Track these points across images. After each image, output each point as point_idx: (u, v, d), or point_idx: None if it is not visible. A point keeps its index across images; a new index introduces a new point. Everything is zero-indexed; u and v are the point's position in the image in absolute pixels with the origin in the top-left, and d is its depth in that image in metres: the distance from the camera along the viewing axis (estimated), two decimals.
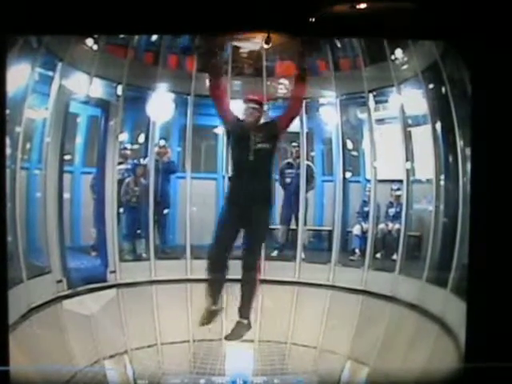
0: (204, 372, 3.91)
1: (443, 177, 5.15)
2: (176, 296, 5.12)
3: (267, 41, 4.34)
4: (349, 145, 6.09)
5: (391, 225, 5.77)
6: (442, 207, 5.13)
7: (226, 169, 4.14)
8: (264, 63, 5.80)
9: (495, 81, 3.29)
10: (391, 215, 5.85)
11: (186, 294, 5.15)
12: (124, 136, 5.85)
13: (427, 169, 5.33)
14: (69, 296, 4.78)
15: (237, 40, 5.43)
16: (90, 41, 5.06)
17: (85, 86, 5.25)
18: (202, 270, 5.42)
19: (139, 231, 5.78)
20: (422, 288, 4.90)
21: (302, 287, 5.36)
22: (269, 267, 5.49)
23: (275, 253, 5.89)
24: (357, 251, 5.83)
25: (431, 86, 5.18)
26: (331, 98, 5.84)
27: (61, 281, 4.87)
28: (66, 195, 5.26)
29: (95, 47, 5.13)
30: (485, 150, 3.35)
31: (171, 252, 5.86)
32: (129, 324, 4.49)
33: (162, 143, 5.90)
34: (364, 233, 5.82)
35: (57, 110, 4.98)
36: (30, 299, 4.32)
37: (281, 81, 5.88)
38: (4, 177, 3.40)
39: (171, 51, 5.88)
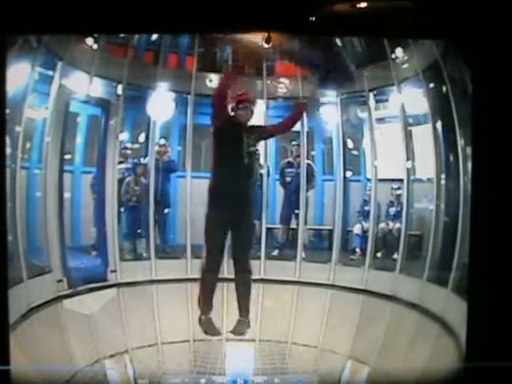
0: (204, 371, 3.90)
1: (444, 176, 5.15)
2: (176, 295, 5.12)
3: (267, 40, 4.34)
4: (349, 144, 6.08)
5: (392, 224, 5.77)
6: (443, 206, 5.12)
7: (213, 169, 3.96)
8: (264, 62, 5.80)
9: (496, 80, 3.28)
10: (392, 214, 5.84)
11: (187, 294, 5.13)
12: (124, 135, 5.85)
13: (428, 168, 5.32)
14: (69, 295, 4.78)
15: (237, 39, 5.44)
16: (90, 40, 5.06)
17: (85, 86, 5.25)
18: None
19: (139, 230, 5.78)
20: (423, 287, 4.90)
21: (303, 286, 5.35)
22: (269, 267, 5.51)
23: (275, 252, 5.89)
24: (357, 250, 5.83)
25: (432, 85, 5.17)
26: (332, 97, 5.83)
27: (61, 280, 4.87)
28: (67, 195, 5.26)
29: (95, 46, 5.13)
30: (485, 149, 3.35)
31: (172, 251, 5.85)
32: (129, 323, 4.49)
33: (163, 142, 5.90)
34: (364, 232, 5.81)
35: (57, 110, 4.98)
36: (31, 299, 4.32)
37: (281, 80, 5.88)
38: (4, 176, 3.40)
39: (171, 50, 5.88)
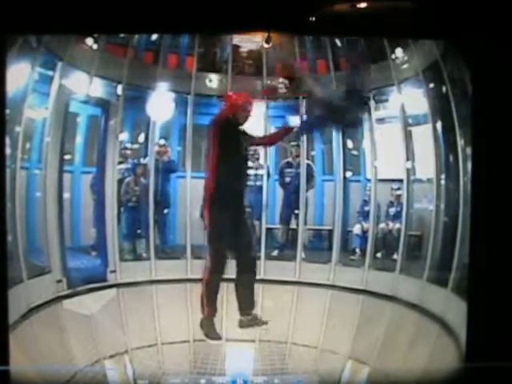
0: (204, 372, 3.90)
1: (444, 176, 5.15)
2: (176, 296, 5.11)
3: (267, 40, 4.35)
4: (349, 144, 6.07)
5: (392, 224, 5.76)
6: (443, 207, 5.12)
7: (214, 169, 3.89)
8: (264, 62, 5.80)
9: (495, 80, 3.29)
10: (392, 215, 5.84)
11: (186, 294, 5.13)
12: (124, 135, 5.84)
13: (428, 168, 5.32)
14: (69, 296, 4.77)
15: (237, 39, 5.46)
16: (90, 40, 5.06)
17: (85, 86, 5.25)
18: (202, 270, 5.45)
19: (139, 231, 5.78)
20: (423, 288, 4.90)
21: (303, 287, 5.35)
22: (269, 267, 5.51)
23: (275, 252, 5.88)
24: (357, 251, 5.82)
25: (432, 86, 5.17)
26: None
27: (61, 280, 4.86)
28: (66, 195, 5.26)
29: (95, 46, 5.13)
30: (485, 150, 3.35)
31: (171, 252, 5.84)
32: (129, 324, 4.49)
33: (162, 142, 5.89)
34: (364, 232, 5.81)
35: (57, 110, 4.98)
36: (30, 299, 4.32)
37: (281, 80, 5.87)
38: (4, 176, 3.41)
39: (171, 50, 5.88)
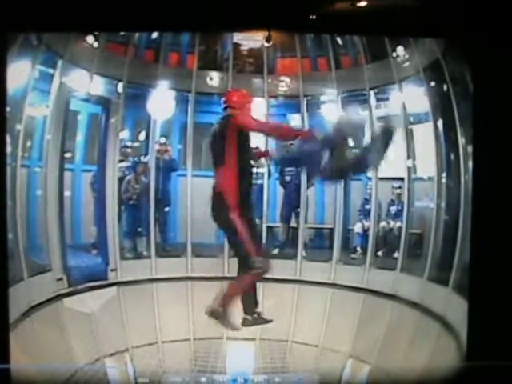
0: (205, 370, 3.90)
1: (445, 174, 5.15)
2: (177, 294, 5.12)
3: (268, 39, 4.34)
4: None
5: (393, 223, 5.77)
6: (444, 205, 5.13)
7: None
8: (265, 61, 5.80)
9: (496, 79, 3.28)
10: (392, 213, 5.84)
11: (187, 292, 5.14)
12: (125, 134, 5.84)
13: (429, 166, 5.32)
14: (69, 294, 4.77)
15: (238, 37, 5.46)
16: (91, 38, 5.06)
17: (85, 84, 5.25)
18: (203, 268, 5.46)
19: (140, 229, 5.77)
20: (424, 286, 4.90)
21: (303, 285, 5.35)
22: None
23: (276, 251, 5.88)
24: (358, 249, 5.82)
25: (433, 84, 5.17)
26: (332, 96, 5.82)
27: (61, 279, 4.86)
28: (67, 193, 5.25)
29: (96, 45, 5.13)
30: (486, 148, 3.35)
31: (172, 250, 5.84)
32: (129, 322, 4.49)
33: (163, 141, 5.89)
34: (365, 231, 5.81)
35: (57, 108, 4.98)
36: (31, 297, 4.31)
37: (281, 78, 5.88)
38: (4, 174, 3.40)
39: (172, 49, 5.88)
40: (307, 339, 4.43)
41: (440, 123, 5.19)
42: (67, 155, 5.34)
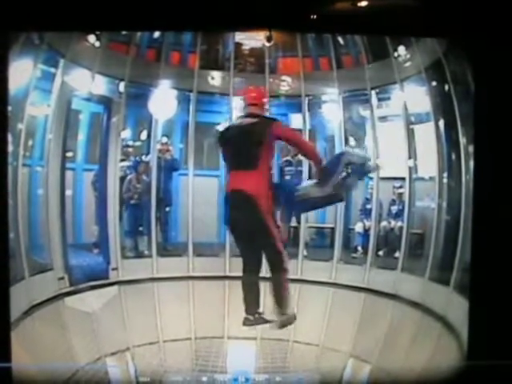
0: (206, 369, 3.90)
1: (446, 174, 5.14)
2: (178, 293, 5.12)
3: (269, 38, 4.34)
4: (351, 142, 6.07)
5: (394, 222, 5.77)
6: (445, 205, 5.12)
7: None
8: (266, 60, 5.80)
9: (498, 78, 3.28)
10: (394, 213, 5.85)
11: (188, 291, 5.15)
12: (126, 133, 5.85)
13: (430, 166, 5.32)
14: (71, 293, 4.77)
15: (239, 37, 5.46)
16: (92, 37, 5.06)
17: (87, 83, 5.25)
18: (204, 268, 5.46)
19: (141, 228, 5.78)
20: (425, 286, 4.90)
21: (304, 285, 5.34)
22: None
23: None
24: (359, 249, 5.83)
25: (434, 84, 5.16)
26: (334, 95, 5.82)
27: (63, 278, 4.86)
28: (68, 192, 5.26)
29: (97, 44, 5.13)
30: (487, 148, 3.35)
31: (173, 249, 5.85)
32: (131, 321, 4.49)
33: (165, 140, 5.90)
34: (366, 230, 5.81)
35: (59, 107, 4.98)
36: (32, 296, 4.32)
37: (283, 78, 5.88)
38: (6, 174, 3.41)
39: (174, 48, 5.88)
40: (308, 339, 4.42)
41: (441, 123, 5.18)
42: (69, 154, 5.34)
